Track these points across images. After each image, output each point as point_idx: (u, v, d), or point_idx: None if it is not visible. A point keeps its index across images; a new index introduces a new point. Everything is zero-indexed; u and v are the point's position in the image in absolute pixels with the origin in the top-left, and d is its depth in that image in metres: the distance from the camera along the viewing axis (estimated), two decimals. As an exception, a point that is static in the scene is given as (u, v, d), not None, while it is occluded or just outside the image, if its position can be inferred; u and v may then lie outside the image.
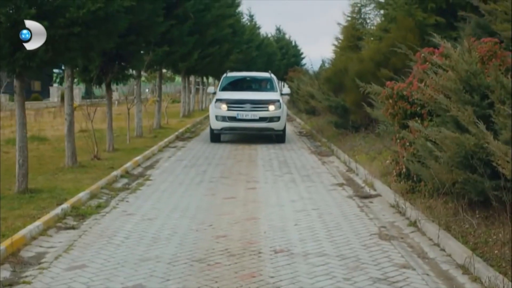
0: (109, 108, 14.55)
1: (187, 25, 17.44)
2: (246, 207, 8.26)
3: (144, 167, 12.18)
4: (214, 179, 10.67)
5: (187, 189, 9.63)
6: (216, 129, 16.66)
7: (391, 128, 9.90)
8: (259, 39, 52.72)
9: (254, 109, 16.32)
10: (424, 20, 14.94)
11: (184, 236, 6.70)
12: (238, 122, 16.32)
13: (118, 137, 17.79)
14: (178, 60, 19.52)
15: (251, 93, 17.57)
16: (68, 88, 11.58)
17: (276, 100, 16.76)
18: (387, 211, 8.04)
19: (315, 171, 11.75)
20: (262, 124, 16.36)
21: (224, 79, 18.65)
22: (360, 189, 9.69)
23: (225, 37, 28.57)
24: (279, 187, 9.91)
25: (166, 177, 10.87)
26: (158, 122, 21.11)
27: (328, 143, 16.06)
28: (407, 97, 8.47)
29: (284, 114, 16.93)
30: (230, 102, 16.47)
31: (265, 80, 18.86)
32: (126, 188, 9.75)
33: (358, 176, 10.93)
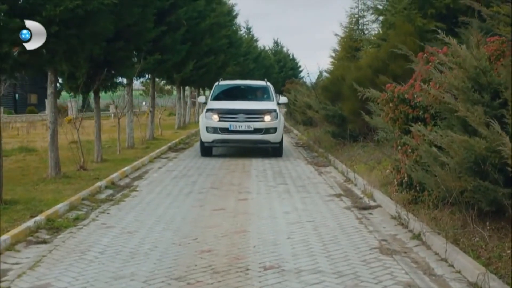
0: (97, 118, 13.95)
1: (179, 32, 16.89)
2: (236, 219, 7.64)
3: (131, 178, 11.56)
4: (204, 190, 10.05)
5: (174, 200, 9.02)
6: (206, 141, 15.19)
7: (391, 134, 9.32)
8: (256, 52, 52.53)
9: (248, 120, 14.92)
10: (424, 26, 14.46)
11: (165, 251, 6.07)
12: (230, 134, 14.90)
13: (109, 148, 17.25)
14: (171, 69, 18.92)
15: (245, 103, 15.89)
16: (51, 95, 10.99)
17: (273, 110, 15.37)
18: (388, 223, 7.43)
19: (311, 181, 11.14)
20: (257, 136, 14.99)
21: (216, 87, 16.98)
22: (359, 200, 9.08)
23: (221, 47, 28.08)
24: (273, 198, 9.29)
25: (153, 188, 10.26)
26: (151, 133, 20.53)
27: (325, 153, 15.47)
28: (409, 100, 7.90)
29: (281, 125, 15.52)
30: (222, 112, 15.04)
31: (260, 89, 17.25)
32: (109, 199, 9.12)
33: (356, 187, 10.34)
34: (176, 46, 17.08)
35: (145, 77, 18.45)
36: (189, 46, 17.99)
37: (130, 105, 17.59)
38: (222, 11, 26.14)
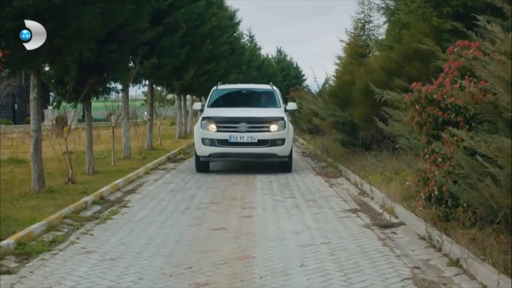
0: (88, 126, 12.91)
1: (178, 35, 15.86)
2: (239, 241, 6.55)
3: (123, 192, 10.48)
4: (203, 205, 8.97)
5: (169, 218, 7.93)
6: (202, 155, 13.05)
7: (415, 141, 8.25)
8: (259, 60, 51.62)
9: (252, 130, 12.82)
10: (440, 26, 13.40)
11: (151, 284, 4.99)
12: (230, 146, 12.82)
13: (104, 158, 16.21)
14: (170, 75, 17.88)
15: (247, 110, 13.69)
16: (34, 100, 9.92)
17: (280, 118, 13.18)
18: (417, 244, 6.34)
19: (322, 194, 10.05)
20: (261, 149, 12.85)
21: (214, 92, 14.71)
22: (378, 216, 7.98)
23: (223, 53, 27.06)
24: (280, 214, 8.20)
25: (146, 203, 9.18)
26: (149, 143, 19.47)
27: (334, 163, 14.38)
28: (438, 102, 6.81)
29: (290, 135, 13.31)
30: (221, 121, 12.95)
31: (265, 94, 14.92)
32: (95, 217, 8.04)
33: (373, 200, 9.25)
34: (174, 50, 16.04)
35: (142, 83, 17.41)
36: (189, 50, 16.94)
37: (126, 113, 16.53)
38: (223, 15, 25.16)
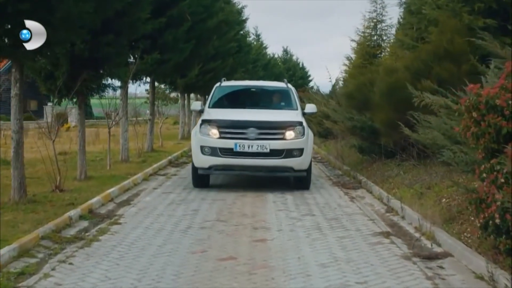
0: (81, 126, 11.61)
1: (182, 29, 14.56)
2: (252, 277, 5.27)
3: (117, 203, 9.21)
4: (207, 223, 7.68)
5: (167, 241, 6.65)
6: (201, 167, 10.63)
7: (462, 155, 6.96)
8: (265, 59, 50.43)
9: (263, 137, 10.40)
10: (470, 23, 12.09)
11: None
12: (236, 157, 10.37)
13: (101, 161, 14.97)
14: (173, 72, 16.60)
15: (258, 112, 11.44)
16: (15, 97, 8.65)
17: (297, 123, 10.83)
18: (474, 284, 5.06)
19: (344, 211, 8.76)
20: (274, 161, 10.42)
21: (217, 90, 12.31)
22: (416, 243, 6.69)
23: (230, 51, 25.75)
24: (300, 238, 6.90)
25: (141, 219, 7.89)
26: (150, 144, 18.19)
27: (351, 171, 13.10)
28: (502, 108, 5.52)
29: (310, 144, 11.01)
30: (225, 125, 10.57)
31: (279, 93, 12.66)
32: (79, 238, 6.75)
33: (405, 221, 7.97)
34: (178, 45, 14.74)
35: (142, 80, 16.14)
36: (194, 46, 15.64)
37: (125, 112, 15.25)
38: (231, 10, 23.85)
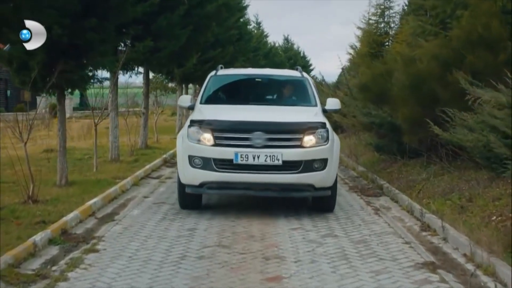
0: (61, 124, 10.09)
1: (178, 12, 12.99)
2: None
3: (98, 219, 7.72)
4: (206, 250, 6.18)
5: (155, 281, 5.17)
6: (190, 185, 7.89)
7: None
8: (266, 48, 48.96)
9: (273, 144, 7.64)
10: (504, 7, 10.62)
11: None
12: (237, 171, 7.63)
13: (89, 159, 13.49)
14: (168, 61, 15.06)
15: (265, 110, 8.73)
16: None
17: (319, 124, 7.99)
18: None
19: (371, 229, 7.27)
20: (289, 177, 7.66)
21: (211, 80, 9.51)
22: (473, 280, 5.22)
23: (230, 38, 24.18)
24: (324, 275, 5.40)
25: (125, 244, 6.40)
26: (144, 140, 16.67)
27: (368, 173, 11.63)
28: None
29: (336, 153, 8.17)
30: (222, 128, 7.80)
31: (292, 84, 9.74)
32: (43, 276, 5.25)
33: (447, 244, 6.52)
34: (173, 31, 13.16)
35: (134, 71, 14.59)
36: (191, 32, 14.09)
37: (115, 106, 13.72)
38: (232, -6, 22.25)
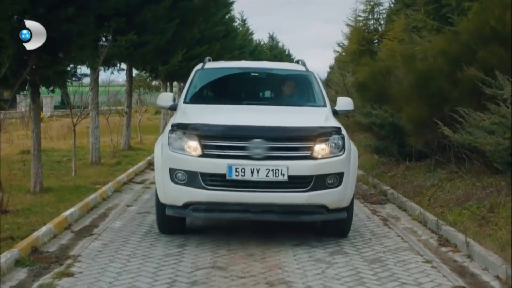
0: (35, 125, 9.14)
1: (164, 4, 12.07)
2: None
3: (75, 233, 6.81)
4: (199, 273, 5.30)
5: (139, 316, 4.30)
6: (172, 205, 6.32)
7: None
8: (252, 45, 48.19)
9: (276, 154, 6.10)
10: (514, 0, 9.84)
11: None
12: (231, 189, 6.08)
13: (68, 162, 12.54)
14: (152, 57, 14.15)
15: (264, 111, 7.19)
16: None
17: (332, 130, 6.39)
18: None
19: (383, 244, 6.45)
20: (296, 196, 6.12)
21: (198, 75, 7.91)
22: (516, 312, 4.42)
23: (217, 35, 23.31)
24: (342, 305, 4.59)
25: (105, 266, 5.50)
26: (126, 141, 15.77)
27: (369, 177, 10.86)
28: None
29: (354, 166, 6.52)
30: (212, 135, 6.20)
31: (295, 80, 8.12)
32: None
33: (474, 262, 5.72)
34: (158, 24, 12.24)
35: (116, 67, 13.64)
36: (177, 26, 13.18)
37: (96, 105, 12.77)
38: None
